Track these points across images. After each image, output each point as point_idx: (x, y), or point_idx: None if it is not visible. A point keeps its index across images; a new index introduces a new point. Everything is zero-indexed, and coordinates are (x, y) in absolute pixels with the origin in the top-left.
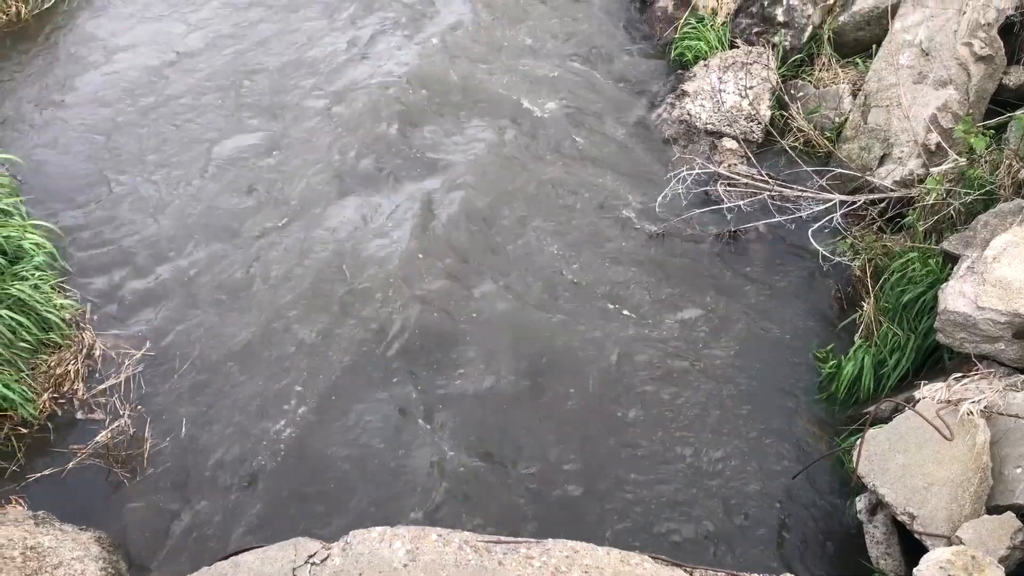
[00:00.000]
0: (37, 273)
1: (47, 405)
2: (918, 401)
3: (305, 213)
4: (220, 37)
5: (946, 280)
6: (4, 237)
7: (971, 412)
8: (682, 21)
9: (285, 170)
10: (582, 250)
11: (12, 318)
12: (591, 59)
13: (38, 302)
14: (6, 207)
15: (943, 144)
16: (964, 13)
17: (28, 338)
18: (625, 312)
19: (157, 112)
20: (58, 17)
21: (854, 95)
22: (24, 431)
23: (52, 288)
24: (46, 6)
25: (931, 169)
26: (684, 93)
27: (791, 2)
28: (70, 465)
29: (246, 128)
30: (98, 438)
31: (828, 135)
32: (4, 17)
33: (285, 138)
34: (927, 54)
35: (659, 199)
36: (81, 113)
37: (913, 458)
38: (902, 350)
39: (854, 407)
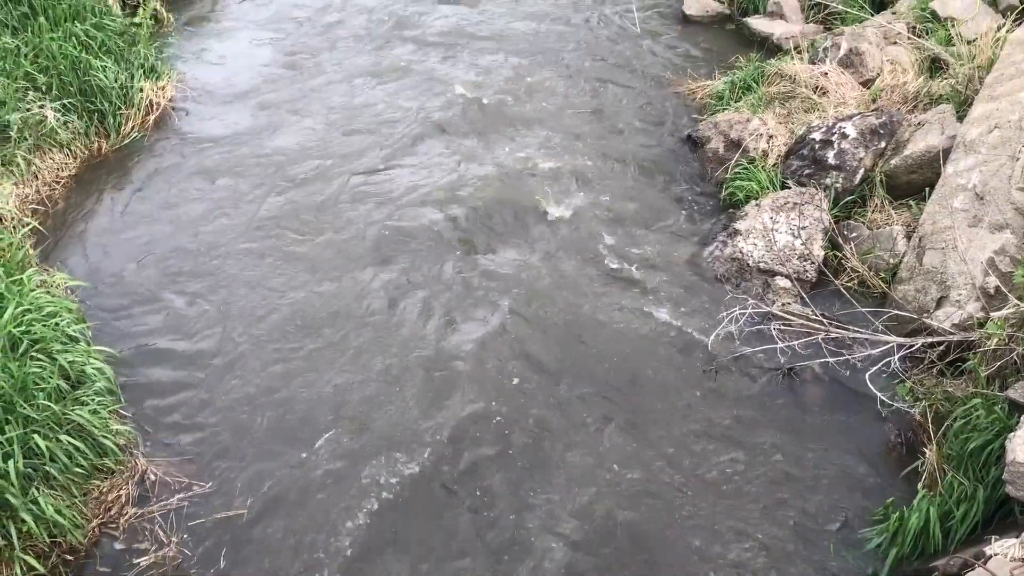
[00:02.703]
0: (97, 398)
1: (95, 531)
2: (989, 558)
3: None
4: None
5: (1013, 429)
6: (69, 363)
7: None
8: (733, 162)
9: (339, 313)
10: (633, 384)
11: (71, 443)
12: (644, 197)
13: (96, 427)
14: (73, 333)
15: (1002, 288)
16: (1018, 159)
17: (83, 463)
18: (671, 450)
19: (224, 248)
20: (139, 153)
21: (908, 237)
22: (71, 558)
23: (110, 413)
24: (126, 142)
25: (991, 313)
26: (736, 232)
27: (843, 145)
28: None
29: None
30: (141, 564)
31: (883, 276)
32: (88, 152)
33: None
34: (981, 198)
35: (712, 337)
36: (152, 242)
37: None
38: (969, 501)
39: (919, 560)
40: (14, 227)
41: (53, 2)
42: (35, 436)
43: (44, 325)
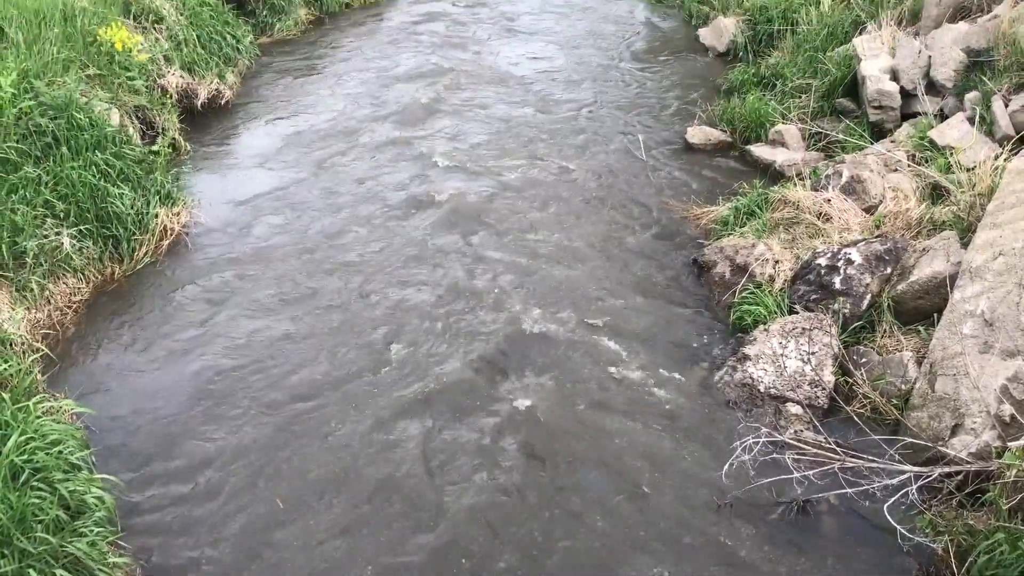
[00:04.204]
0: (96, 529)
1: None
2: None
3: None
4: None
5: None
6: (69, 491)
7: None
8: (740, 287)
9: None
10: (643, 519)
11: None
12: (652, 322)
13: (93, 560)
14: (76, 461)
15: (1018, 417)
16: None
17: None
18: None
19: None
20: (151, 279)
21: (919, 363)
22: None
23: (108, 545)
24: (139, 267)
25: (1009, 443)
26: (746, 357)
27: (849, 271)
28: None
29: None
30: None
31: (895, 403)
32: (100, 277)
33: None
34: (991, 324)
35: (724, 468)
36: (164, 376)
37: None
38: None
39: None
40: (24, 352)
41: (76, 133)
42: (31, 571)
43: (47, 453)
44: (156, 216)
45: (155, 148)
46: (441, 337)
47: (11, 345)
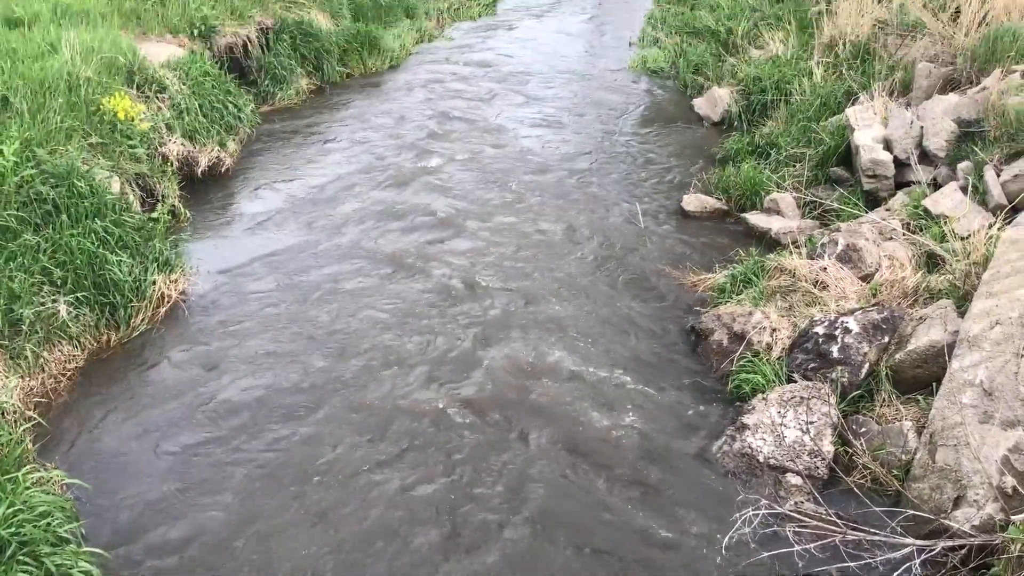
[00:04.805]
0: None
1: None
2: None
3: None
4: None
5: None
6: (56, 565)
7: None
8: (737, 355)
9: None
10: None
11: None
12: (650, 391)
13: None
14: (64, 534)
15: (1020, 489)
16: (1022, 356)
17: None
18: None
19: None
20: (147, 346)
21: (919, 432)
22: None
23: None
24: (134, 334)
25: (1012, 516)
26: (744, 426)
27: (846, 340)
28: None
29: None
30: None
31: (896, 473)
32: (96, 344)
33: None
34: (990, 394)
35: (725, 540)
36: (156, 446)
37: None
38: None
39: None
40: (15, 421)
41: (76, 200)
42: None
43: (35, 526)
44: (154, 283)
45: (155, 215)
46: (438, 409)
47: (3, 414)
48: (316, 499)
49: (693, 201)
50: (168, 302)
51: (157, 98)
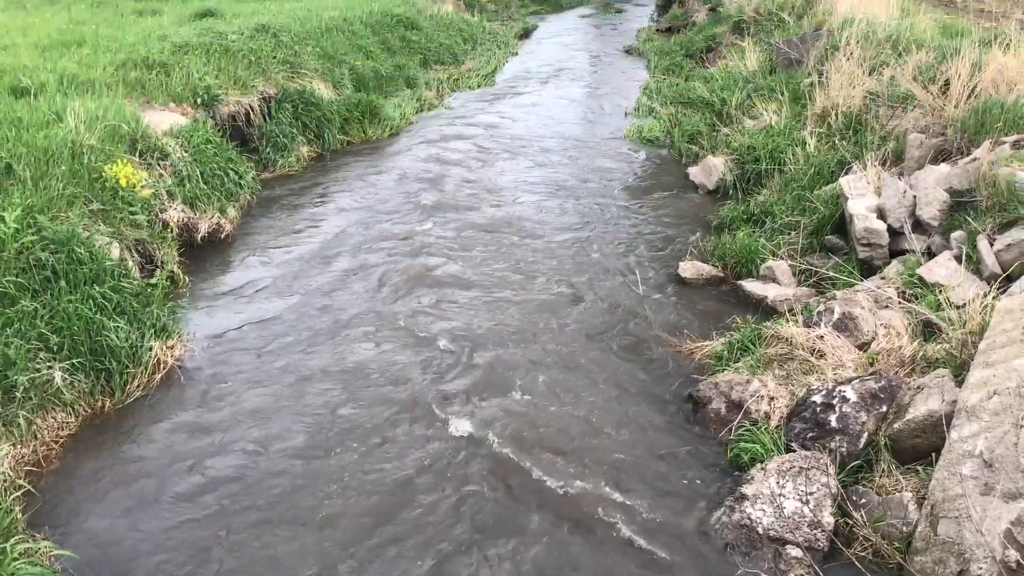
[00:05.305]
0: None
1: None
2: None
3: None
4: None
5: None
6: None
7: None
8: (735, 423)
9: None
10: None
11: None
12: (647, 460)
13: None
14: None
15: (1023, 563)
16: (1022, 426)
17: None
18: None
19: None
20: (142, 413)
21: (919, 504)
22: None
23: None
24: (129, 401)
25: None
26: (743, 496)
27: (844, 409)
28: None
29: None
30: None
31: (897, 546)
32: (90, 411)
33: None
34: (990, 466)
35: None
36: (148, 516)
37: None
38: None
39: None
40: (5, 490)
41: (75, 266)
42: None
43: None
44: (150, 349)
45: (153, 281)
46: (433, 484)
47: None
48: (312, 573)
49: (689, 268)
50: (164, 368)
51: (159, 165)
